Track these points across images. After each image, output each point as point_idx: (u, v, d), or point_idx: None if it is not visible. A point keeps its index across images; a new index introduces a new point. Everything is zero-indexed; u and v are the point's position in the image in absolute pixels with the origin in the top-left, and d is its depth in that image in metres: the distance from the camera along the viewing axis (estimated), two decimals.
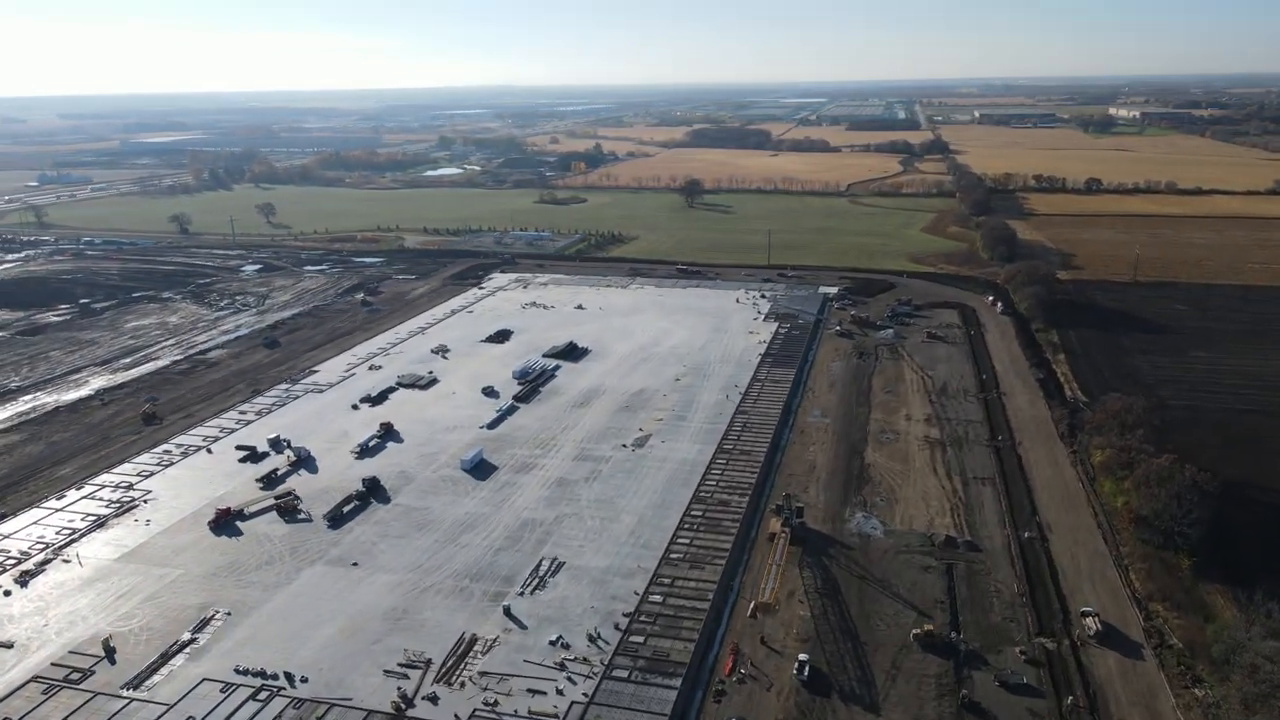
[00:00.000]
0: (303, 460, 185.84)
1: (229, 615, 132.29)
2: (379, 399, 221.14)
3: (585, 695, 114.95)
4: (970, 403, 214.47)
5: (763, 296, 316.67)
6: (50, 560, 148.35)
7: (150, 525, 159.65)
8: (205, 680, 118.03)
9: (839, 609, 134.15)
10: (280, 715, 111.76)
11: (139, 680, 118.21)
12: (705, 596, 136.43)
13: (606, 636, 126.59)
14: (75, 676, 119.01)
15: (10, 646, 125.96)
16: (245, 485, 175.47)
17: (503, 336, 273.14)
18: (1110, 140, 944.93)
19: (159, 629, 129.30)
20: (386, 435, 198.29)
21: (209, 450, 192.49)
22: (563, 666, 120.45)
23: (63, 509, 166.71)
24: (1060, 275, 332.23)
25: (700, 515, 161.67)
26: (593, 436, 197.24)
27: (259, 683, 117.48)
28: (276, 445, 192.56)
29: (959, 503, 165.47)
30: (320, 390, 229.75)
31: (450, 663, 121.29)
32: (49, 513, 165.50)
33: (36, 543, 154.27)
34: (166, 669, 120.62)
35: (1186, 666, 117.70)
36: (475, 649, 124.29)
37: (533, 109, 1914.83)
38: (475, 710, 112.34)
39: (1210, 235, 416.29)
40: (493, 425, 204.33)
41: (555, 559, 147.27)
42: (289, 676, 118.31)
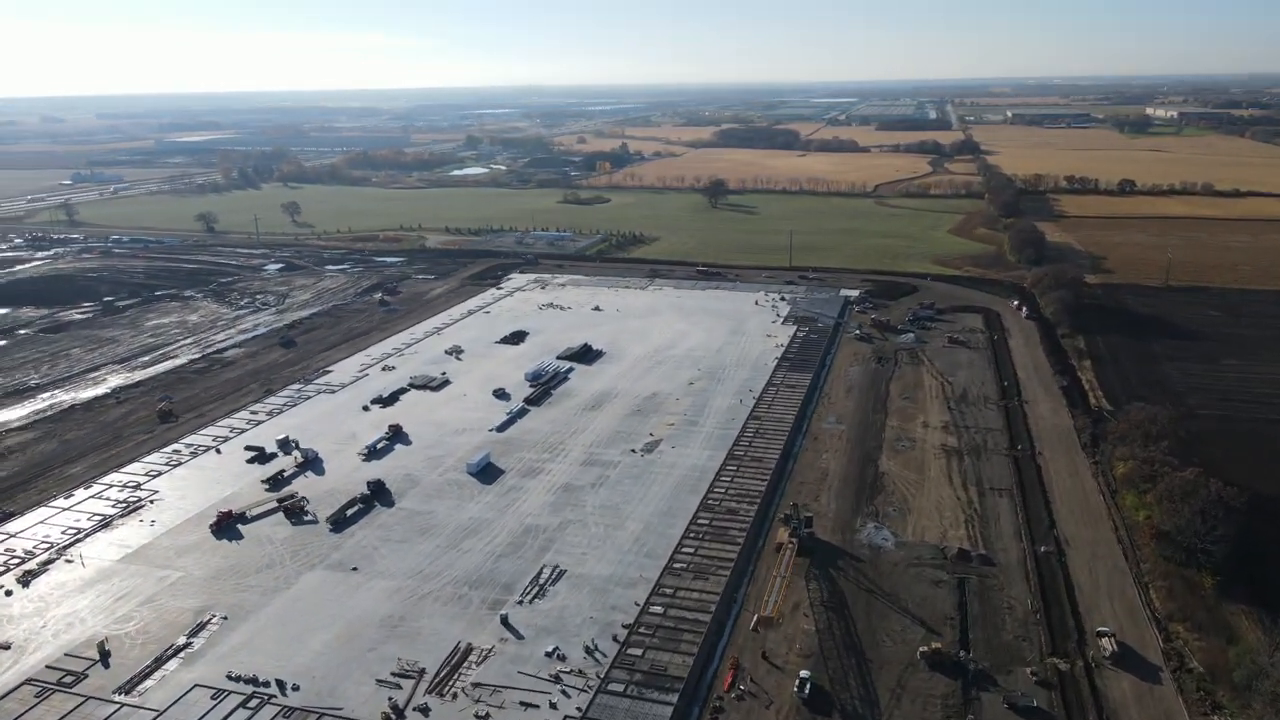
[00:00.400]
0: (310, 462, 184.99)
1: (225, 619, 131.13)
2: (390, 400, 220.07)
3: (579, 709, 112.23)
4: (990, 410, 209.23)
5: (782, 299, 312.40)
6: (53, 560, 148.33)
7: (154, 526, 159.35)
8: (197, 686, 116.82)
9: (845, 623, 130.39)
10: None
11: (131, 685, 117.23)
12: (707, 608, 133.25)
13: (604, 649, 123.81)
14: (68, 680, 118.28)
15: (7, 648, 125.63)
16: (251, 486, 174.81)
17: (518, 338, 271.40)
18: (1146, 141, 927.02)
19: (155, 632, 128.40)
20: (395, 437, 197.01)
21: (218, 450, 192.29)
22: (558, 679, 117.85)
23: (70, 508, 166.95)
24: (1089, 279, 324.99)
25: (707, 524, 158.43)
26: (602, 441, 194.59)
27: (250, 690, 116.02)
28: (285, 446, 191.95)
29: (974, 514, 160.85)
30: (333, 391, 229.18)
31: (444, 673, 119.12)
32: (56, 512, 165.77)
33: (41, 542, 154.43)
34: (159, 674, 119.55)
35: (1206, 692, 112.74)
36: (470, 659, 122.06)
37: (562, 109, 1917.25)
38: None
39: (1247, 239, 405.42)
40: (502, 428, 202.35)
41: (557, 567, 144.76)
42: (280, 684, 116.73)
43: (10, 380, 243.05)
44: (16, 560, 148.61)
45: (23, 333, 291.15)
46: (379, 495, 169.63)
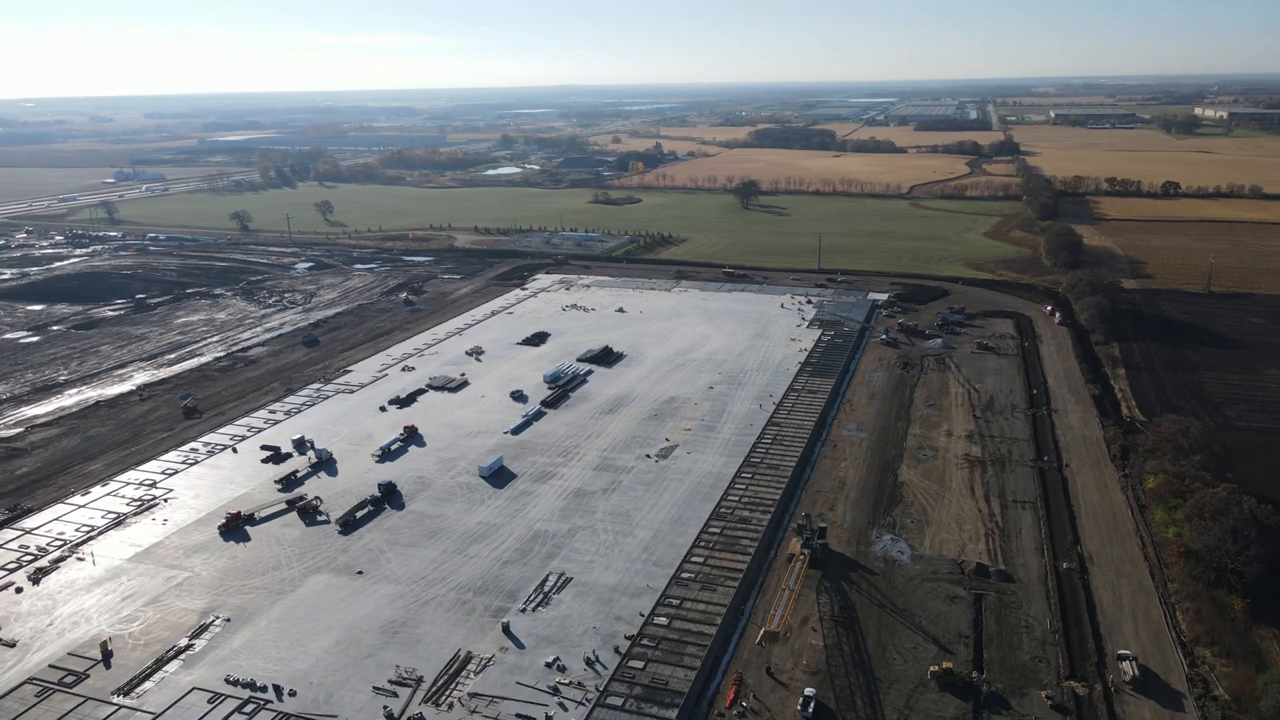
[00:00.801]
0: (324, 462, 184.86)
1: (228, 621, 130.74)
2: (407, 401, 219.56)
3: None
4: (1017, 419, 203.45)
5: (809, 302, 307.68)
6: (65, 558, 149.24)
7: (166, 525, 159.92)
8: (195, 689, 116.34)
9: (854, 639, 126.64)
10: None
11: (130, 686, 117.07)
12: (713, 621, 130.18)
13: (605, 660, 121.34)
14: (69, 680, 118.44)
15: (13, 645, 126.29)
16: (265, 486, 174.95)
17: (539, 339, 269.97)
18: (1194, 142, 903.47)
19: (157, 633, 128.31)
20: (410, 439, 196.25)
21: (234, 450, 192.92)
22: (556, 690, 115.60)
23: (86, 505, 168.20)
24: (1127, 284, 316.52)
25: (718, 533, 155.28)
26: (617, 445, 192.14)
27: (247, 694, 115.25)
28: (300, 446, 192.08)
29: (995, 528, 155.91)
30: (351, 391, 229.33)
31: (441, 681, 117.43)
32: (72, 509, 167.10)
33: (55, 539, 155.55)
34: (159, 675, 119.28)
35: None
36: (469, 668, 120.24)
37: (599, 109, 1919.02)
38: None
39: None
40: (517, 431, 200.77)
41: (563, 574, 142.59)
42: (278, 689, 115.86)
43: (40, 376, 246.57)
44: (30, 557, 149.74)
45: (56, 329, 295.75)
46: (389, 497, 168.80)
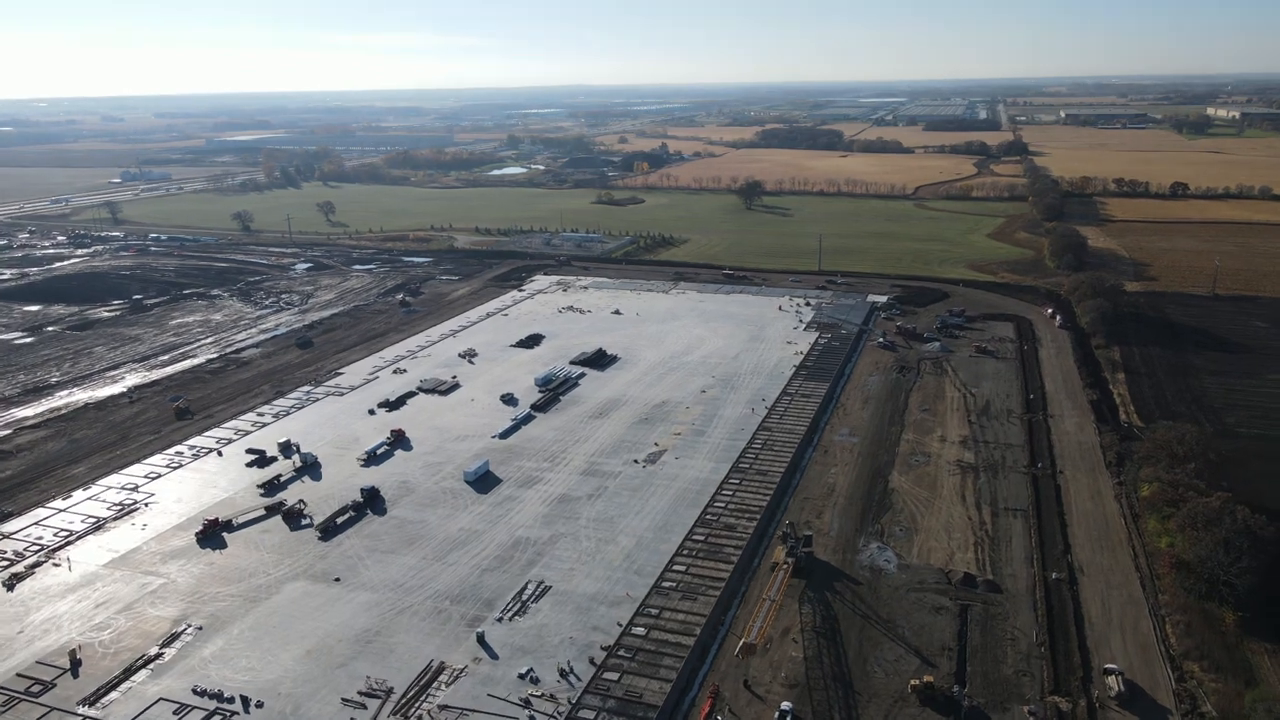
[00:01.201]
0: (308, 466, 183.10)
1: (200, 630, 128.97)
2: (397, 404, 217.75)
3: None
4: (1013, 424, 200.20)
5: (807, 304, 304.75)
6: (41, 563, 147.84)
7: (145, 530, 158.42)
8: (161, 700, 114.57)
9: (836, 651, 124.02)
10: None
11: (97, 696, 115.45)
12: (692, 631, 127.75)
13: (579, 672, 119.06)
14: (36, 689, 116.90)
15: None
16: (247, 491, 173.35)
17: (533, 341, 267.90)
18: (1205, 142, 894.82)
19: (128, 642, 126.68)
20: (396, 443, 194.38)
21: (219, 453, 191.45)
22: (527, 703, 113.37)
23: (66, 509, 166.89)
24: (1131, 286, 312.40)
25: (702, 540, 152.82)
26: (605, 450, 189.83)
27: (214, 705, 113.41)
28: (286, 450, 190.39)
29: (984, 536, 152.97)
30: (341, 393, 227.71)
31: (412, 693, 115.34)
32: (53, 513, 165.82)
33: (33, 544, 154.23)
34: (127, 685, 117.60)
35: None
36: (440, 679, 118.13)
37: (608, 108, 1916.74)
38: None
39: None
40: (505, 435, 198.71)
41: (542, 582, 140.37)
42: (245, 700, 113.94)
43: (32, 377, 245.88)
44: (5, 563, 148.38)
45: (51, 330, 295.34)
46: (372, 503, 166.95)
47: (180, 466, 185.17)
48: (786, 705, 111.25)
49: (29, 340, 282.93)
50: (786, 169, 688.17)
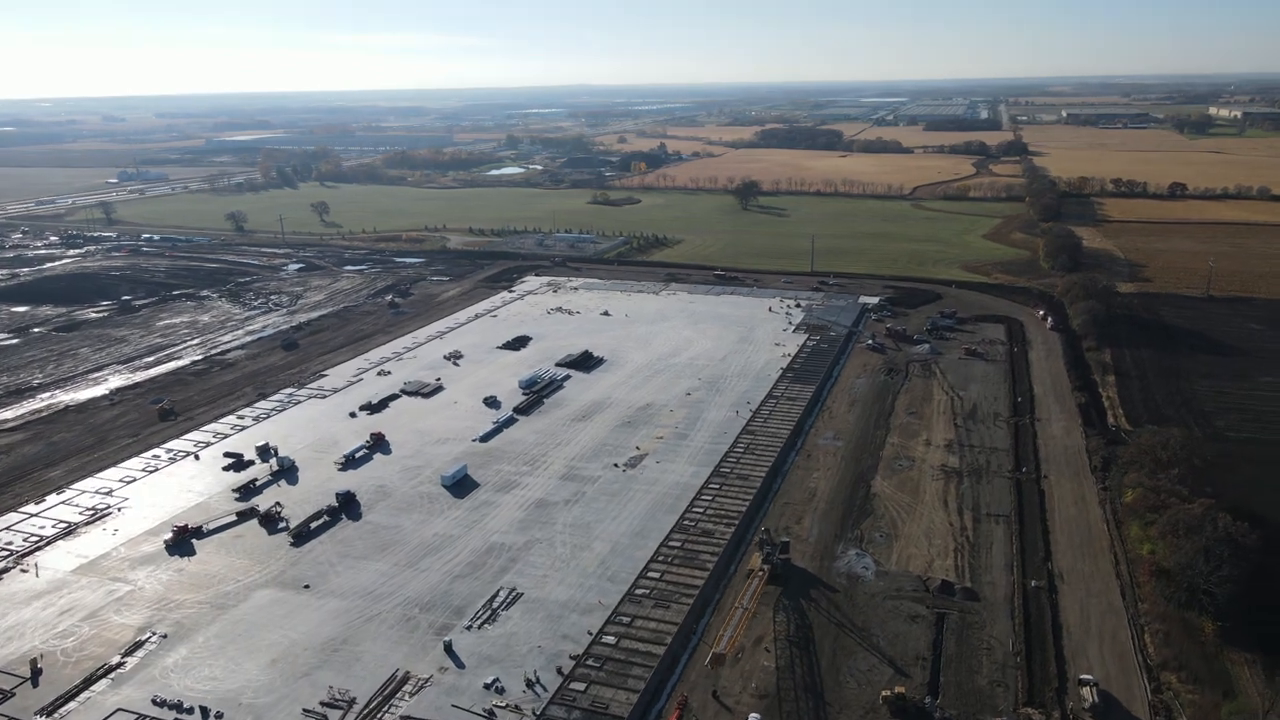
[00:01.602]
0: (285, 470, 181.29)
1: (164, 638, 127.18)
2: (379, 406, 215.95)
3: None
4: (999, 428, 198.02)
5: (797, 305, 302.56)
6: (9, 569, 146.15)
7: (116, 535, 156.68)
8: (120, 710, 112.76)
9: (808, 661, 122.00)
10: None
11: (55, 706, 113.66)
12: (663, 640, 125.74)
13: (546, 682, 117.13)
14: None
15: None
16: (222, 495, 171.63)
17: (520, 343, 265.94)
18: (1206, 142, 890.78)
19: (91, 650, 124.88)
20: (375, 446, 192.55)
21: (196, 457, 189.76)
22: (491, 714, 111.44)
23: (38, 514, 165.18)
24: (1125, 287, 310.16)
25: (679, 546, 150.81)
26: (585, 454, 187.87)
27: (173, 716, 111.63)
28: (264, 453, 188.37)
29: (965, 542, 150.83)
30: (324, 395, 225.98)
31: (375, 703, 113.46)
32: (24, 518, 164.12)
33: (1, 549, 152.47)
34: (86, 695, 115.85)
35: None
36: (405, 689, 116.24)
37: (608, 108, 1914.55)
38: None
39: None
40: (486, 438, 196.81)
41: (514, 589, 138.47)
42: (204, 711, 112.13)
43: (14, 379, 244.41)
44: None
45: (36, 331, 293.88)
46: (347, 507, 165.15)
47: (156, 470, 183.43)
48: (754, 717, 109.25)
49: (14, 342, 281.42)
50: (785, 169, 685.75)
